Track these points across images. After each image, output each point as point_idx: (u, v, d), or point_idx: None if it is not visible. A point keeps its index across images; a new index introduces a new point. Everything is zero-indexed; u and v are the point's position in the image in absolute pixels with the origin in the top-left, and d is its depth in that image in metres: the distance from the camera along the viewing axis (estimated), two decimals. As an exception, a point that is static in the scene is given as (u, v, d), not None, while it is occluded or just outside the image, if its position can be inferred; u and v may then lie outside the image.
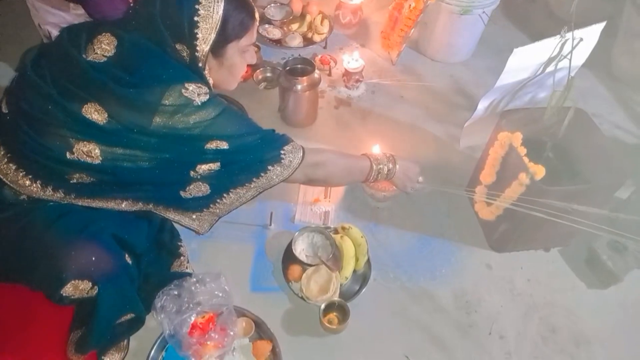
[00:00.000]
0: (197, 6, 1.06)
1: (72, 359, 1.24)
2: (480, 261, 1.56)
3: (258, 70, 2.05)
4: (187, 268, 1.41)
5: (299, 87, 1.78)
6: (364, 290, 1.44)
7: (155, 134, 1.06)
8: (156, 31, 1.08)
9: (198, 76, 1.13)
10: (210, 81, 1.18)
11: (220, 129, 1.11)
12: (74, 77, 1.06)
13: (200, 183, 1.17)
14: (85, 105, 1.04)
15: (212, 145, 1.11)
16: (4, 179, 1.10)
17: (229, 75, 1.22)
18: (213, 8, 1.07)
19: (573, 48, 1.41)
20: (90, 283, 1.09)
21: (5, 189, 1.12)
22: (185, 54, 1.11)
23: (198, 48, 1.09)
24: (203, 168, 1.13)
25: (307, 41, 2.20)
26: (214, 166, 1.14)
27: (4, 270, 1.18)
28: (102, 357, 1.25)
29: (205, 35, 1.08)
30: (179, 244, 1.44)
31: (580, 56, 1.53)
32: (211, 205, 1.24)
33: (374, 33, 2.29)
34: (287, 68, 1.82)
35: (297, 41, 2.19)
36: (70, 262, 1.06)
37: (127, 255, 1.22)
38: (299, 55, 2.01)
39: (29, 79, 1.08)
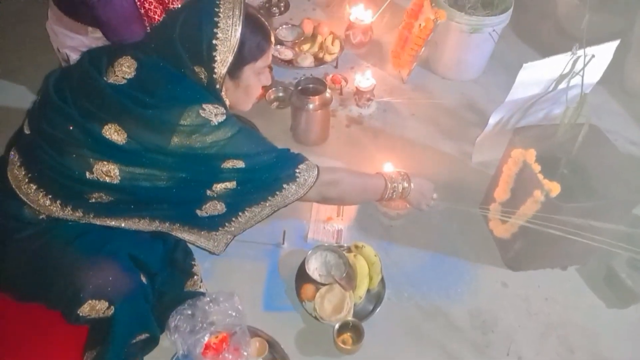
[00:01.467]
0: (215, 30, 1.08)
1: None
2: (496, 279, 1.54)
3: (270, 90, 2.07)
4: (200, 287, 1.41)
5: (311, 106, 1.80)
6: (378, 309, 1.43)
7: (173, 154, 1.08)
8: (175, 54, 1.11)
9: (215, 97, 1.15)
10: (227, 102, 1.20)
11: (236, 148, 1.13)
12: (94, 98, 1.09)
13: (217, 202, 1.18)
14: (106, 126, 1.06)
15: (228, 164, 1.12)
16: (24, 199, 1.12)
17: (244, 96, 1.24)
18: (231, 32, 1.09)
19: (585, 65, 1.41)
20: (107, 303, 1.10)
21: (25, 209, 1.14)
22: (203, 76, 1.13)
23: (216, 70, 1.11)
24: (219, 187, 1.14)
25: (319, 61, 2.23)
26: (230, 185, 1.15)
27: (21, 289, 1.19)
28: (116, 378, 1.25)
29: (223, 58, 1.10)
30: (193, 263, 1.45)
31: (594, 73, 1.53)
32: (226, 224, 1.25)
33: (384, 52, 2.32)
34: (299, 88, 1.84)
35: (308, 61, 2.21)
36: (87, 282, 1.08)
37: (142, 275, 1.22)
38: (311, 75, 2.04)
39: (51, 100, 1.11)
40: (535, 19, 2.39)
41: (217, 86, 1.14)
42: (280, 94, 2.09)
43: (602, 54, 1.47)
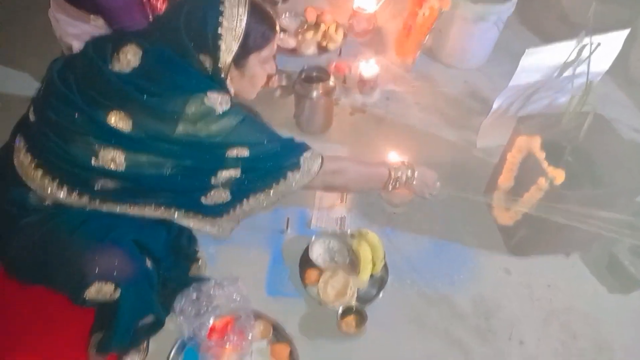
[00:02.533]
0: (221, 18, 1.08)
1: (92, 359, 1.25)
2: (499, 266, 1.55)
3: (274, 78, 2.06)
4: (205, 273, 1.42)
5: (315, 94, 1.80)
6: (381, 294, 1.44)
7: (178, 142, 1.08)
8: (180, 42, 1.11)
9: (220, 86, 1.15)
10: (232, 91, 1.21)
11: (241, 137, 1.13)
12: (99, 86, 1.09)
13: (221, 190, 1.18)
14: (110, 113, 1.06)
15: (233, 152, 1.13)
16: (31, 185, 1.13)
17: (249, 85, 1.25)
18: (236, 21, 1.09)
19: (591, 53, 1.40)
20: (113, 286, 1.11)
21: (30, 195, 1.14)
22: (208, 65, 1.13)
23: (221, 59, 1.11)
24: (224, 175, 1.15)
25: (322, 49, 2.22)
26: (235, 173, 1.15)
27: (27, 273, 1.20)
28: (123, 358, 1.26)
29: (228, 47, 1.11)
30: (197, 249, 1.46)
31: (602, 62, 1.53)
32: (231, 211, 1.25)
33: (388, 40, 2.31)
34: (303, 76, 1.84)
35: (311, 50, 2.20)
36: (94, 265, 1.08)
37: (147, 260, 1.23)
38: (314, 63, 2.03)
39: (56, 88, 1.11)
40: (541, 7, 2.38)
41: (222, 75, 1.15)
42: (284, 82, 2.08)
43: (610, 43, 1.46)
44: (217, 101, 1.10)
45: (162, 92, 1.08)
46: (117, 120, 1.06)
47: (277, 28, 1.21)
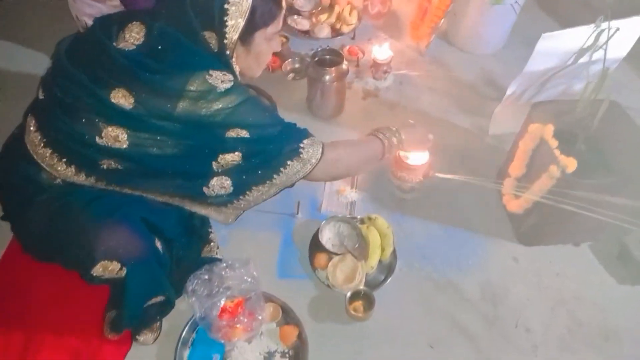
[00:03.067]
0: None
1: (107, 337, 1.30)
2: (507, 254, 1.55)
3: (286, 61, 2.06)
4: (216, 254, 1.45)
5: (327, 77, 1.79)
6: (389, 280, 1.45)
7: (179, 120, 1.08)
8: (186, 19, 1.10)
9: (224, 64, 1.15)
10: (237, 68, 1.20)
11: (241, 117, 1.13)
12: (103, 64, 1.09)
13: (223, 178, 1.17)
14: (114, 91, 1.07)
15: (232, 133, 1.12)
16: (41, 163, 1.14)
17: (255, 62, 1.24)
18: None
19: (609, 38, 1.38)
20: (119, 264, 1.12)
21: (42, 173, 1.16)
22: (213, 42, 1.12)
23: (227, 35, 1.11)
24: (225, 159, 1.14)
25: (336, 32, 2.21)
26: (236, 157, 1.14)
27: (40, 250, 1.23)
28: (137, 337, 1.30)
29: (235, 23, 1.10)
30: (209, 230, 1.48)
31: (621, 48, 1.49)
32: (235, 202, 1.25)
33: (402, 24, 2.28)
34: (316, 59, 1.83)
35: (325, 32, 2.19)
36: (99, 243, 1.10)
37: (157, 240, 1.24)
38: (327, 46, 2.02)
39: (62, 66, 1.12)
40: (559, -9, 2.32)
41: (228, 52, 1.14)
42: (297, 65, 2.08)
43: (630, 29, 1.43)
44: (219, 79, 1.10)
45: (164, 69, 1.08)
46: (120, 97, 1.07)
47: (284, 4, 1.20)
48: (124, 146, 1.09)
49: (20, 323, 1.35)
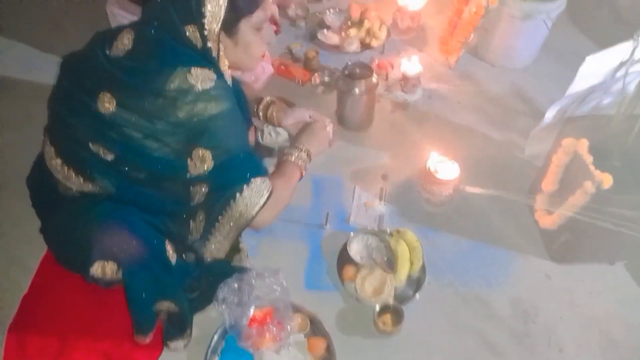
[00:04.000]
0: None
1: (137, 341, 1.32)
2: (539, 271, 1.53)
3: (316, 74, 2.09)
4: (246, 263, 1.47)
5: (357, 90, 1.81)
6: (418, 294, 1.44)
7: (159, 119, 1.09)
8: (168, 17, 1.11)
9: (207, 60, 1.14)
10: (226, 62, 1.19)
11: (212, 131, 1.12)
12: (92, 72, 1.13)
13: (200, 211, 1.21)
14: (100, 96, 1.10)
15: (198, 154, 1.13)
16: (56, 175, 1.19)
17: (244, 54, 1.21)
18: None
19: (646, 53, 1.36)
20: (116, 265, 1.13)
21: (59, 185, 1.21)
22: (196, 36, 1.11)
23: (207, 27, 1.10)
24: (195, 183, 1.17)
25: (365, 46, 2.23)
26: (204, 187, 1.17)
27: (64, 259, 1.29)
28: (168, 343, 1.32)
29: (214, 12, 1.08)
30: (240, 239, 1.50)
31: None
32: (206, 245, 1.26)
33: (431, 38, 2.29)
34: (346, 72, 1.85)
35: (354, 46, 2.22)
36: (94, 242, 1.11)
37: (168, 243, 1.22)
38: (357, 60, 2.04)
39: (59, 79, 1.18)
40: (592, 5, 2.30)
41: (210, 44, 1.12)
42: (326, 79, 2.11)
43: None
44: (199, 78, 1.09)
45: (145, 70, 1.10)
46: (105, 102, 1.10)
47: None
48: (109, 158, 1.13)
49: (55, 328, 1.38)
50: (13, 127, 1.90)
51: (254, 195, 1.17)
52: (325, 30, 2.27)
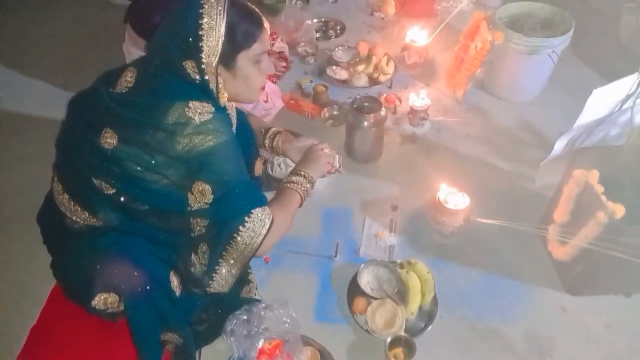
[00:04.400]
0: (200, 21, 1.10)
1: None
2: (554, 303, 1.49)
3: (325, 109, 2.13)
4: (255, 295, 1.46)
5: (366, 124, 1.84)
6: (430, 327, 1.42)
7: (159, 152, 1.11)
8: (167, 53, 1.14)
9: (205, 94, 1.16)
10: (225, 95, 1.21)
11: (211, 164, 1.13)
12: (96, 109, 1.17)
13: (203, 244, 1.20)
14: (102, 132, 1.13)
15: (197, 188, 1.13)
16: (64, 211, 1.21)
17: (244, 86, 1.23)
18: (216, 20, 1.11)
19: (652, 84, 1.37)
20: (117, 296, 1.13)
21: (66, 219, 1.22)
22: (194, 71, 1.14)
23: (204, 60, 1.12)
24: (196, 216, 1.17)
25: (373, 81, 2.28)
26: (203, 220, 1.18)
27: (69, 291, 1.29)
28: (176, 376, 1.30)
29: (212, 47, 1.11)
30: (249, 271, 1.49)
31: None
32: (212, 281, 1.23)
33: (439, 73, 2.33)
34: (355, 106, 1.88)
35: (363, 81, 2.26)
36: (95, 275, 1.11)
37: (173, 274, 1.22)
38: (366, 94, 2.08)
39: (66, 117, 1.22)
40: (597, 40, 2.34)
41: (207, 77, 1.14)
42: (335, 112, 2.15)
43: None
44: (197, 111, 1.11)
45: (144, 105, 1.12)
46: (108, 138, 1.12)
47: (265, 24, 1.21)
48: (112, 191, 1.15)
49: (63, 359, 1.37)
50: (30, 163, 1.96)
51: (256, 226, 1.17)
52: (334, 67, 2.33)
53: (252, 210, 1.16)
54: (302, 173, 1.37)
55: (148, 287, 1.15)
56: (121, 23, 2.02)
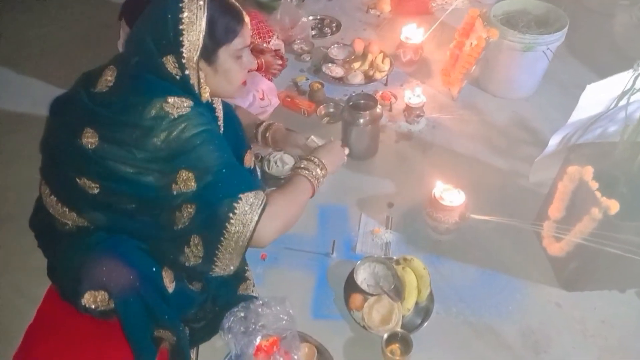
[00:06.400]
0: (180, 15, 1.09)
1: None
2: (549, 299, 1.51)
3: (321, 106, 2.13)
4: (252, 292, 1.46)
5: (362, 121, 1.84)
6: (426, 323, 1.42)
7: (139, 149, 1.09)
8: (146, 50, 1.12)
9: (184, 89, 1.14)
10: (207, 90, 1.20)
11: (194, 153, 1.11)
12: (75, 110, 1.15)
13: (196, 237, 1.16)
14: (83, 133, 1.11)
15: (182, 176, 1.11)
16: (53, 213, 1.20)
17: (224, 81, 1.22)
18: (197, 15, 1.09)
19: (646, 81, 1.38)
20: (107, 294, 1.12)
21: (55, 222, 1.21)
22: (174, 66, 1.13)
23: (185, 55, 1.10)
24: (183, 207, 1.13)
25: (369, 79, 2.28)
26: (191, 209, 1.14)
27: (62, 291, 1.27)
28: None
29: (193, 41, 1.10)
30: (246, 267, 1.49)
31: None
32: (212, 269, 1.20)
33: (434, 70, 2.34)
34: (351, 103, 1.88)
35: (358, 79, 2.27)
36: (84, 273, 1.11)
37: (165, 270, 1.21)
38: (362, 91, 2.09)
39: (48, 120, 1.22)
40: (591, 38, 2.36)
41: (187, 72, 1.13)
42: (331, 110, 2.15)
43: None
44: (174, 106, 1.10)
45: (123, 102, 1.11)
46: (89, 138, 1.11)
47: (246, 19, 1.20)
48: (96, 191, 1.13)
49: (59, 359, 1.36)
50: (26, 162, 1.93)
51: (247, 212, 1.13)
52: (329, 64, 2.33)
53: (241, 195, 1.13)
54: (312, 158, 1.34)
55: (137, 284, 1.14)
56: (116, 21, 2.01)
